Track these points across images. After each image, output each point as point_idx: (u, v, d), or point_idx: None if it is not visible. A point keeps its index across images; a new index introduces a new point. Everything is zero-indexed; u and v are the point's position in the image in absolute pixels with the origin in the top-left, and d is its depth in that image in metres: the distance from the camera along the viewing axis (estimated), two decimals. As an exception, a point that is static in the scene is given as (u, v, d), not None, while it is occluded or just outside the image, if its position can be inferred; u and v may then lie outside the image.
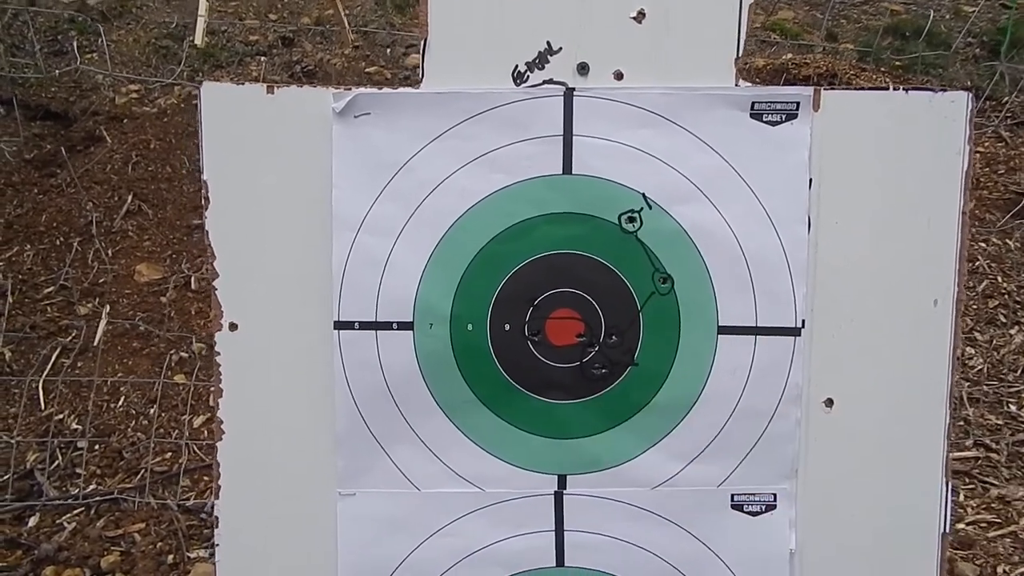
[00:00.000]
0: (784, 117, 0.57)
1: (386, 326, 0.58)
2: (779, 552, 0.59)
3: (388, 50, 2.82)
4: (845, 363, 0.59)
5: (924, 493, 0.59)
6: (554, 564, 0.59)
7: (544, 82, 0.58)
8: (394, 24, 2.81)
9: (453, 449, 0.59)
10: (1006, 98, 2.70)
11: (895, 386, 0.59)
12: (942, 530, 0.59)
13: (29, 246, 2.13)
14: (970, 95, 0.57)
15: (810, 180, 0.58)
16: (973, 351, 2.11)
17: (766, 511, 0.59)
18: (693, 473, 0.59)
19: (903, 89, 0.58)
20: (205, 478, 1.60)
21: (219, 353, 0.60)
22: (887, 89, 0.57)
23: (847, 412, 0.59)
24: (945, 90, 0.58)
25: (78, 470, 1.64)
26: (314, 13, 2.89)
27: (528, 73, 0.58)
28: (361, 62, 2.76)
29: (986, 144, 2.69)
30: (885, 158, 0.58)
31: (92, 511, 1.57)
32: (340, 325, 0.58)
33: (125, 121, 2.45)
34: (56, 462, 1.67)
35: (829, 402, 0.59)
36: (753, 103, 0.57)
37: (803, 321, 0.58)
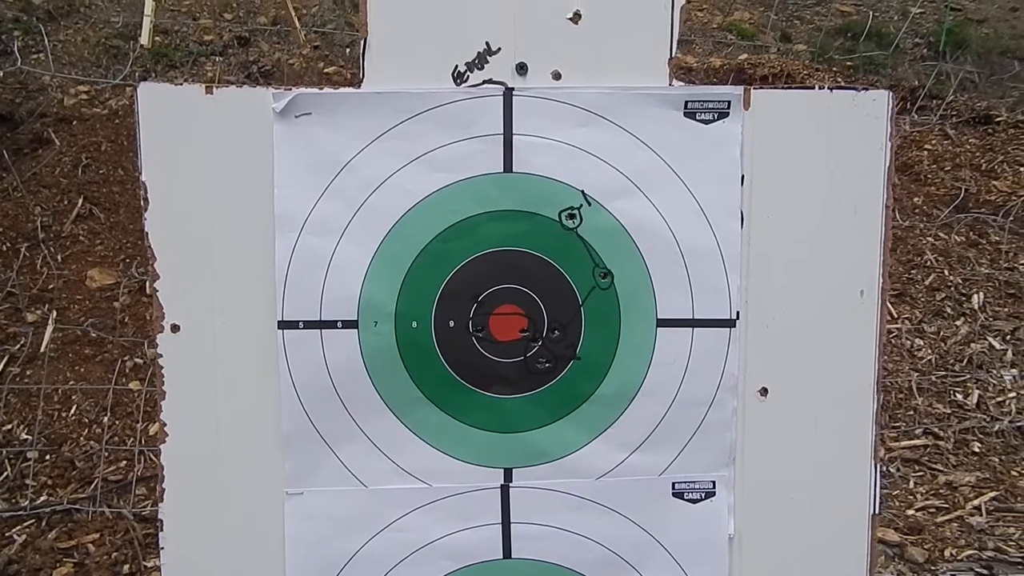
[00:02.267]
0: (716, 116, 0.59)
1: (331, 325, 0.58)
2: (719, 537, 0.61)
3: (347, 50, 2.80)
4: (778, 353, 0.61)
5: (854, 476, 0.62)
6: (501, 556, 0.60)
7: (484, 82, 0.59)
8: (352, 24, 2.79)
9: (400, 446, 0.60)
10: (949, 96, 2.81)
11: (826, 374, 0.62)
12: (872, 511, 0.62)
13: (-26, 252, 2.06)
14: (890, 94, 0.60)
15: (742, 176, 0.60)
16: (921, 342, 2.18)
17: (705, 498, 0.61)
18: (635, 463, 0.61)
19: (828, 88, 0.60)
20: (161, 485, 1.58)
21: (161, 355, 0.59)
22: (812, 88, 0.60)
23: (781, 400, 0.62)
24: (867, 89, 0.60)
25: (28, 481, 1.60)
26: (271, 13, 2.85)
27: (468, 73, 0.59)
28: (319, 62, 2.73)
29: (933, 142, 2.79)
30: (812, 155, 0.60)
31: (43, 522, 1.53)
32: (284, 325, 0.59)
33: (74, 123, 2.39)
34: (4, 473, 1.62)
35: (764, 391, 0.62)
36: (686, 102, 0.59)
37: (737, 313, 0.60)
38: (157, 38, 2.64)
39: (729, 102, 0.59)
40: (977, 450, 1.81)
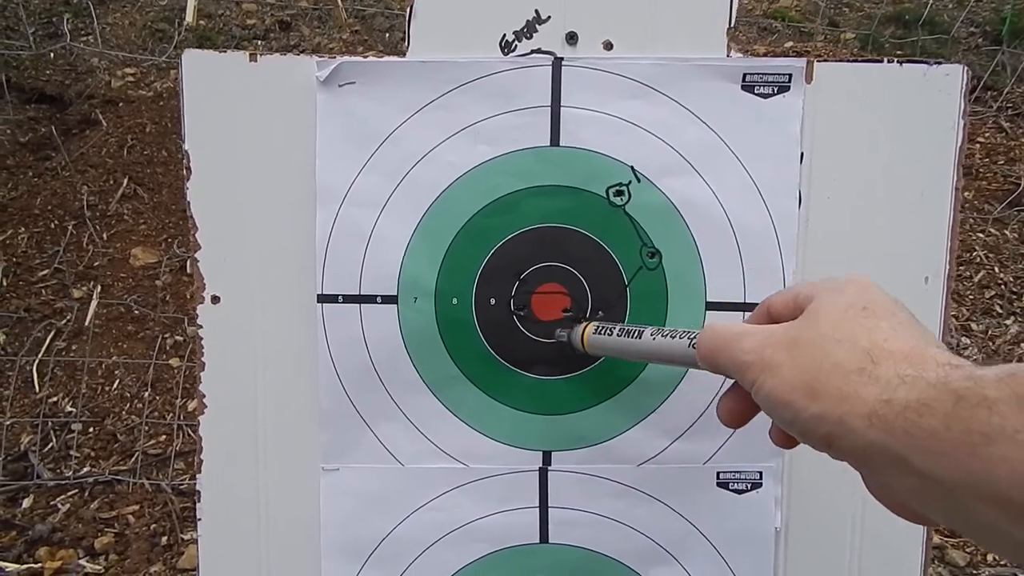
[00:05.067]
0: (776, 89, 0.56)
1: (370, 300, 0.58)
2: (764, 530, 0.59)
3: (386, 35, 2.80)
4: (834, 340, 0.58)
5: (912, 472, 0.59)
6: (538, 540, 0.59)
7: (532, 51, 0.57)
8: (392, 8, 2.79)
9: (438, 425, 0.59)
10: (1007, 87, 2.69)
11: (884, 364, 0.58)
12: (930, 509, 0.59)
13: (23, 229, 2.12)
14: (965, 68, 0.56)
15: (801, 154, 0.57)
16: (969, 341, 2.10)
17: (751, 489, 0.59)
18: (679, 450, 0.58)
19: (897, 62, 0.57)
20: (198, 461, 1.61)
21: (201, 327, 0.59)
22: (881, 62, 0.56)
23: (836, 390, 0.59)
24: (940, 63, 0.57)
25: (72, 452, 1.64)
26: (311, -4, 2.87)
27: (516, 42, 0.57)
28: (359, 47, 2.74)
29: (986, 135, 2.67)
30: (878, 132, 0.57)
31: (86, 493, 1.58)
32: (323, 298, 0.58)
33: (120, 104, 2.44)
34: (50, 444, 1.67)
35: (818, 380, 0.59)
36: (745, 74, 0.56)
37: (792, 297, 0.57)
38: (201, 22, 2.67)
39: (791, 75, 0.56)
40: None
